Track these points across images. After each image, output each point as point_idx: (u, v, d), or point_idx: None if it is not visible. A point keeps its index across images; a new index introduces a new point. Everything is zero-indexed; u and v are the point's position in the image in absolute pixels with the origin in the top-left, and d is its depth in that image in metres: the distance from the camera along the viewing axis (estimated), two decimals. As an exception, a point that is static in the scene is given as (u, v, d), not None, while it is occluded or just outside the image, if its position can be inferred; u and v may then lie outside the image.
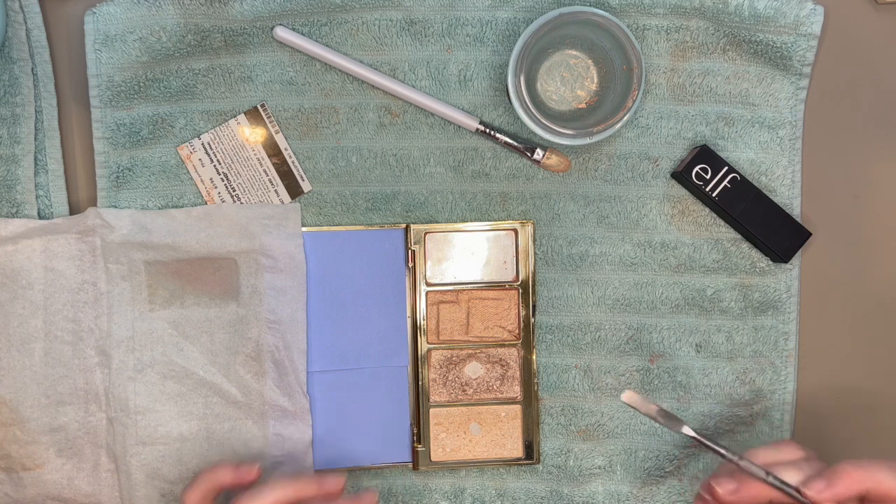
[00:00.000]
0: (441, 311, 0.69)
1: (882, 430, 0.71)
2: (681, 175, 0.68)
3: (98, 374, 0.67)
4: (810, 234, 0.68)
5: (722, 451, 0.57)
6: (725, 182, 0.67)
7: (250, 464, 0.62)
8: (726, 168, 0.67)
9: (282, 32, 0.66)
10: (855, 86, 0.70)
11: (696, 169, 0.67)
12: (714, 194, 0.67)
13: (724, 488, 0.56)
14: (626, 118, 0.64)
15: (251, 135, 0.68)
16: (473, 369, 0.69)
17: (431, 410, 0.69)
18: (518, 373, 0.69)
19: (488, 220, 0.69)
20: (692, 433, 0.58)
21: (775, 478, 0.56)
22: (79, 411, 0.67)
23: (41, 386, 0.67)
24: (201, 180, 0.68)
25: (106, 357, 0.67)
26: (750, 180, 0.68)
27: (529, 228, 0.69)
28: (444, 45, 0.67)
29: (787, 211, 0.68)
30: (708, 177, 0.67)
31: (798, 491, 0.55)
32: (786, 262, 0.68)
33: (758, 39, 0.66)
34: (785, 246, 0.68)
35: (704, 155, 0.67)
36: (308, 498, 0.60)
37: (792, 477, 0.56)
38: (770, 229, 0.67)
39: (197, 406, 0.67)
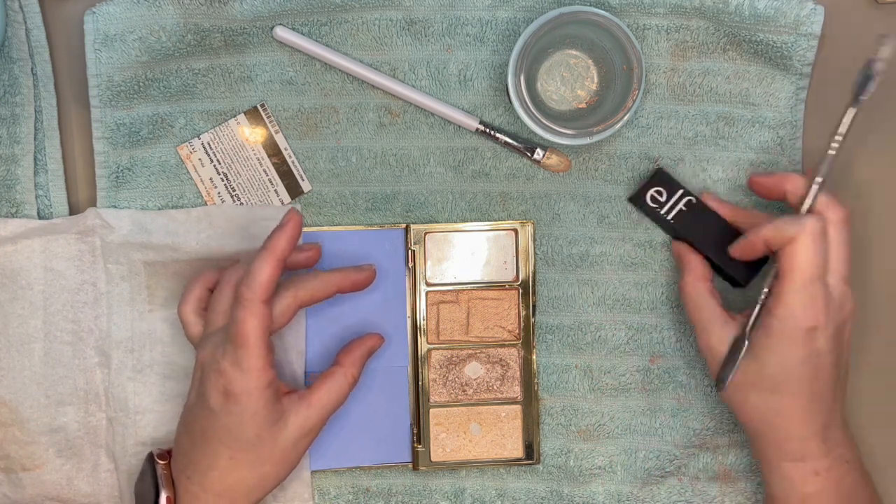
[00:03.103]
0: (441, 311, 0.68)
1: (882, 430, 0.71)
2: (637, 199, 0.67)
3: (98, 375, 0.67)
4: (768, 258, 0.66)
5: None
6: (681, 205, 0.67)
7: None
8: (682, 191, 0.67)
9: (282, 32, 0.66)
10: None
11: (651, 192, 0.67)
12: (670, 217, 0.67)
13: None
14: (626, 118, 0.64)
15: (251, 135, 0.68)
16: (473, 369, 0.69)
17: (431, 410, 0.69)
18: (518, 373, 0.69)
19: (488, 220, 0.69)
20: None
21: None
22: (78, 411, 0.67)
23: (41, 386, 0.66)
24: (201, 180, 0.68)
25: (105, 357, 0.67)
26: (705, 203, 0.67)
27: (529, 228, 0.69)
28: (444, 45, 0.67)
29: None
30: (663, 200, 0.67)
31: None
32: (744, 286, 0.67)
33: (758, 39, 0.67)
34: (743, 270, 0.66)
35: (659, 178, 0.67)
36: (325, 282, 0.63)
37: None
38: (727, 253, 0.66)
39: (196, 406, 0.67)
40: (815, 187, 0.61)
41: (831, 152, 0.61)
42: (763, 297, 0.62)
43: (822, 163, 0.61)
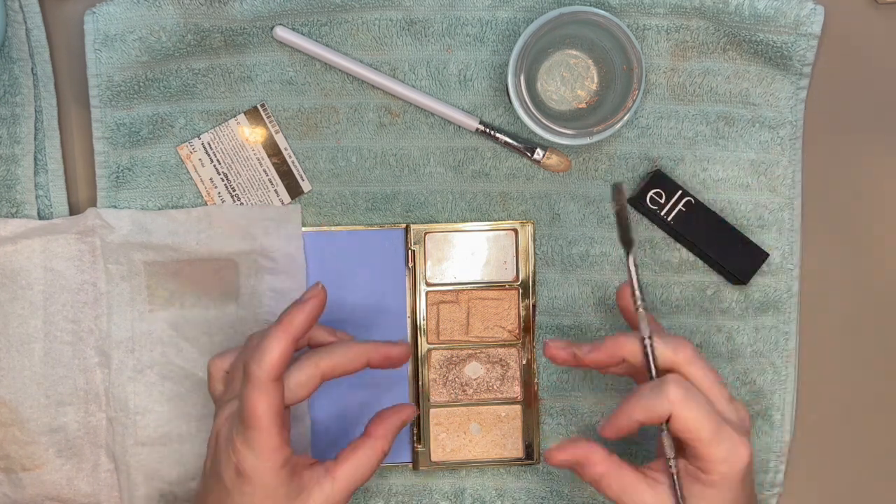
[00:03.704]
0: (441, 311, 0.69)
1: (882, 430, 0.71)
2: (635, 200, 0.68)
3: (98, 375, 0.67)
4: (767, 255, 0.68)
5: (636, 287, 0.58)
6: (680, 206, 0.67)
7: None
8: (680, 192, 0.67)
9: (282, 32, 0.66)
10: (855, 86, 0.70)
11: (651, 194, 0.67)
12: (669, 218, 0.67)
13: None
14: (626, 118, 0.64)
15: (251, 135, 0.68)
16: (473, 369, 0.69)
17: (431, 410, 0.69)
18: (518, 373, 0.69)
19: (488, 220, 0.69)
20: (630, 263, 0.58)
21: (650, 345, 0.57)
22: (79, 411, 0.67)
23: (41, 386, 0.66)
24: (201, 180, 0.68)
25: (106, 357, 0.67)
26: (704, 203, 0.67)
27: (529, 228, 0.69)
28: (444, 45, 0.67)
29: (744, 234, 0.68)
30: (662, 201, 0.67)
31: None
32: (744, 283, 0.68)
33: (758, 39, 0.67)
34: (742, 267, 0.67)
35: (658, 179, 0.67)
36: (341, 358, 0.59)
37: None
38: (727, 251, 0.67)
39: (196, 407, 0.67)
40: (648, 348, 0.57)
41: (641, 311, 0.57)
42: (673, 465, 0.57)
43: (641, 322, 0.57)
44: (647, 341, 0.57)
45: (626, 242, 0.57)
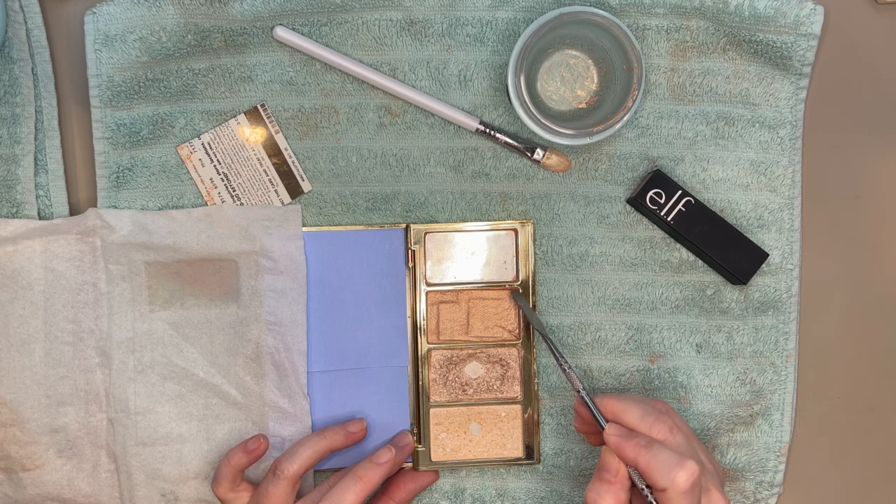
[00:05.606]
0: (441, 311, 0.69)
1: (882, 430, 0.71)
2: (636, 201, 0.68)
3: (98, 375, 0.67)
4: (767, 255, 0.68)
5: (557, 355, 0.63)
6: (680, 206, 0.67)
7: (255, 439, 0.65)
8: (680, 192, 0.67)
9: (282, 32, 0.66)
10: (855, 86, 0.70)
11: (650, 194, 0.67)
12: (669, 218, 0.67)
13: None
14: (626, 118, 0.64)
15: (251, 135, 0.68)
16: (473, 369, 0.69)
17: (431, 410, 0.69)
18: (518, 373, 0.69)
19: (488, 220, 0.69)
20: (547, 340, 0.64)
21: (587, 394, 0.61)
22: (79, 412, 0.67)
23: (41, 386, 0.66)
24: (201, 180, 0.68)
25: (106, 358, 0.67)
26: (704, 203, 0.68)
27: (529, 228, 0.69)
28: (444, 45, 0.68)
29: (744, 234, 0.68)
30: (662, 201, 0.67)
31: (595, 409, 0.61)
32: (744, 283, 0.68)
33: (758, 39, 0.67)
34: (742, 267, 0.67)
35: (658, 179, 0.67)
36: (339, 446, 0.66)
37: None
38: (727, 251, 0.67)
39: (197, 407, 0.67)
40: (594, 410, 0.61)
41: (569, 372, 0.63)
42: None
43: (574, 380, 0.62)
44: (583, 392, 0.61)
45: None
